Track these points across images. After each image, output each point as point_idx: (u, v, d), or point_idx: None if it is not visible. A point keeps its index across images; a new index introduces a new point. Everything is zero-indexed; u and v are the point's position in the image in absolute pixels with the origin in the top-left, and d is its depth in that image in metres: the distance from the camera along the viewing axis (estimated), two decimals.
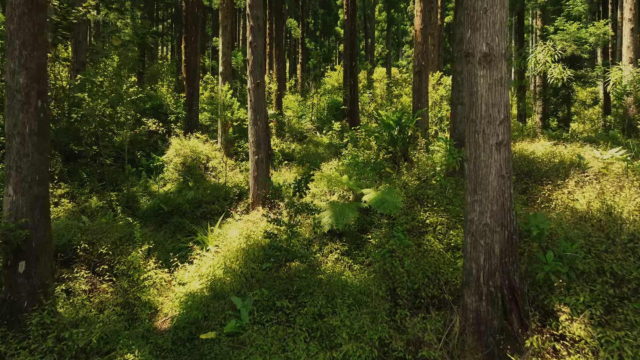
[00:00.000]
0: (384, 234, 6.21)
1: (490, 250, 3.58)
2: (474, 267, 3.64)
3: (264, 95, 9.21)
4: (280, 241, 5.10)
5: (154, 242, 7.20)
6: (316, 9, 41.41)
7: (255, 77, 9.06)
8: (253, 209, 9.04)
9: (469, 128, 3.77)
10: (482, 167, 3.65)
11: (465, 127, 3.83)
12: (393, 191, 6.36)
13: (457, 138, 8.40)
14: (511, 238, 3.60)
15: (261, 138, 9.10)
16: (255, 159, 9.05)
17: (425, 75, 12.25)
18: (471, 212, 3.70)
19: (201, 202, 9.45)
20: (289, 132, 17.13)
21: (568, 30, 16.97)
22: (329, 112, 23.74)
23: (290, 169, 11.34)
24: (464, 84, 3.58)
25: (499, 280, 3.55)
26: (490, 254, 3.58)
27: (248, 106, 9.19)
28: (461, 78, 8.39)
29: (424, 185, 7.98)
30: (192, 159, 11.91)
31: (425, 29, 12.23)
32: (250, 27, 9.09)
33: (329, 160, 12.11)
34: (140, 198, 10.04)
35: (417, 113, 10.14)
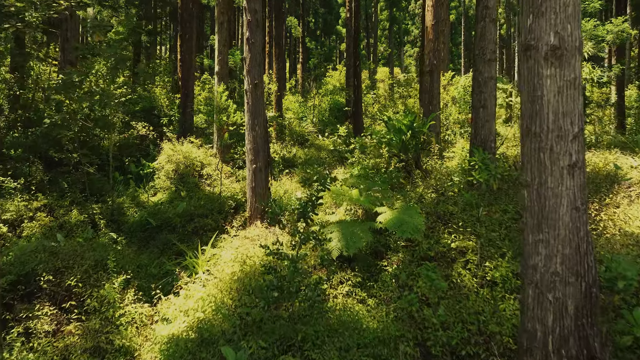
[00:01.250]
0: (402, 261, 5.31)
1: (561, 308, 2.71)
2: (539, 329, 2.76)
3: (262, 98, 8.31)
4: (281, 278, 4.21)
5: (137, 265, 6.29)
6: (317, 8, 40.53)
7: (252, 78, 8.16)
8: (250, 223, 8.14)
9: (529, 144, 2.88)
10: (550, 197, 2.76)
11: (524, 143, 2.93)
12: (412, 210, 5.46)
13: (478, 145, 7.50)
14: (589, 292, 2.72)
15: (259, 145, 8.20)
16: (253, 168, 8.14)
17: (437, 75, 11.36)
18: (534, 256, 2.82)
19: (193, 215, 8.55)
20: (290, 135, 16.24)
21: (584, 28, 16.09)
22: (330, 114, 22.84)
23: (292, 177, 10.44)
24: (525, 84, 2.66)
25: (575, 349, 2.67)
26: (562, 312, 2.71)
27: (245, 109, 8.29)
28: (483, 78, 7.50)
29: (443, 199, 7.08)
30: (185, 165, 11.00)
31: (437, 25, 11.34)
32: (247, 22, 8.19)
33: (334, 167, 11.20)
34: (127, 210, 9.14)
35: (431, 117, 9.24)
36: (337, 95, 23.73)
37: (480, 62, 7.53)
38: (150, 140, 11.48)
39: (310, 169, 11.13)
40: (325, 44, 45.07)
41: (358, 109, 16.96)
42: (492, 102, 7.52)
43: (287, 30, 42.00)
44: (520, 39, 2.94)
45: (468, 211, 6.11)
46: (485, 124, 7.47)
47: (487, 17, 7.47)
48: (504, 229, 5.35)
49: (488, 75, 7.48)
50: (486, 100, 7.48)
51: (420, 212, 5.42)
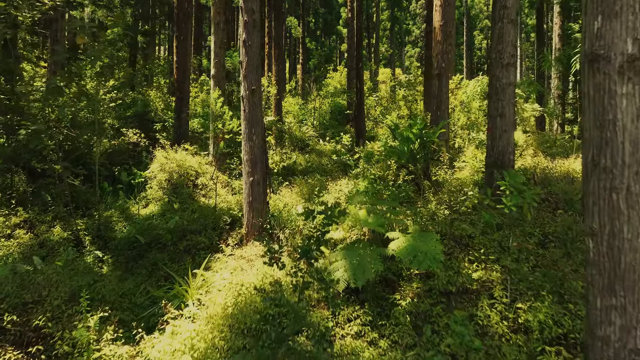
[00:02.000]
0: (416, 294, 4.69)
1: None
2: None
3: (260, 105, 7.68)
4: (280, 326, 3.58)
5: (120, 294, 5.66)
6: (317, 8, 39.90)
7: (249, 83, 7.53)
8: (247, 241, 7.52)
9: (597, 182, 2.26)
10: (627, 251, 2.14)
11: (589, 179, 2.31)
12: (428, 236, 4.84)
13: (496, 157, 6.87)
14: None
15: (257, 156, 7.58)
16: (250, 180, 7.52)
17: (446, 79, 10.73)
18: (604, 326, 2.21)
19: (185, 231, 7.92)
20: (290, 139, 15.62)
21: None
22: (332, 117, 22.23)
23: (292, 188, 9.81)
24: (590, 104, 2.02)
25: None
26: None
27: (241, 117, 7.66)
28: (500, 84, 6.87)
29: (457, 217, 6.46)
30: (179, 175, 10.38)
31: (445, 25, 10.72)
32: (243, 23, 7.57)
33: (336, 177, 10.57)
34: (115, 224, 8.51)
35: (441, 124, 8.62)
36: (338, 98, 23.12)
37: (497, 66, 6.90)
38: (143, 148, 10.84)
39: (311, 178, 10.50)
40: (325, 44, 44.47)
41: (360, 112, 16.34)
42: (510, 111, 6.89)
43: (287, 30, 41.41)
44: (584, 47, 2.30)
45: (489, 234, 5.48)
46: (503, 134, 6.84)
47: (505, 18, 6.85)
48: (534, 259, 4.73)
49: (506, 81, 6.85)
50: (504, 109, 6.86)
51: (437, 238, 4.79)
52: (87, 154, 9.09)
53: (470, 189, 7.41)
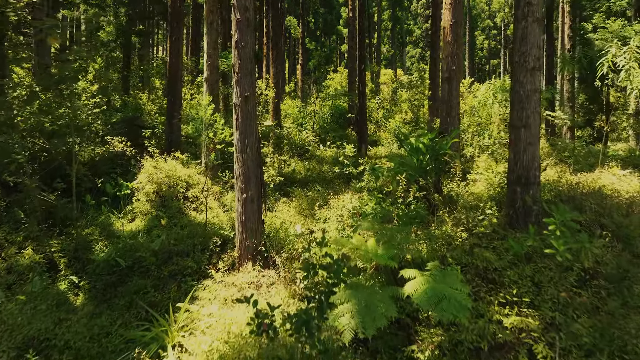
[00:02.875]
0: (437, 347, 3.92)
1: None
2: None
3: (254, 113, 6.91)
4: None
5: (89, 337, 4.88)
6: (317, 7, 39.09)
7: (242, 89, 6.76)
8: (240, 265, 6.75)
9: None
10: None
11: None
12: (449, 275, 4.07)
13: (519, 173, 6.10)
14: None
15: (251, 170, 6.81)
16: (243, 197, 6.75)
17: (457, 83, 9.96)
18: None
19: (172, 253, 7.15)
20: (288, 145, 14.83)
21: (610, 29, 14.68)
22: (332, 120, 21.45)
23: (291, 202, 9.02)
24: None
25: None
26: None
27: (234, 127, 6.89)
28: (525, 91, 6.10)
29: (478, 242, 5.69)
30: (168, 186, 9.60)
31: (456, 25, 9.95)
32: (236, 22, 6.80)
33: (338, 188, 9.78)
34: (95, 243, 7.73)
35: (454, 133, 7.85)
36: (339, 100, 22.35)
37: (521, 71, 6.13)
38: (130, 156, 10.06)
39: (311, 190, 9.73)
40: (325, 44, 43.66)
41: (362, 116, 15.56)
42: (536, 121, 6.12)
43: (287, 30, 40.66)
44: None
45: (518, 267, 4.71)
46: (527, 147, 6.07)
47: (530, 16, 6.08)
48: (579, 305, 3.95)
49: (531, 87, 6.08)
50: (529, 119, 6.08)
51: (462, 278, 4.01)
52: (66, 165, 8.31)
53: (488, 206, 6.64)
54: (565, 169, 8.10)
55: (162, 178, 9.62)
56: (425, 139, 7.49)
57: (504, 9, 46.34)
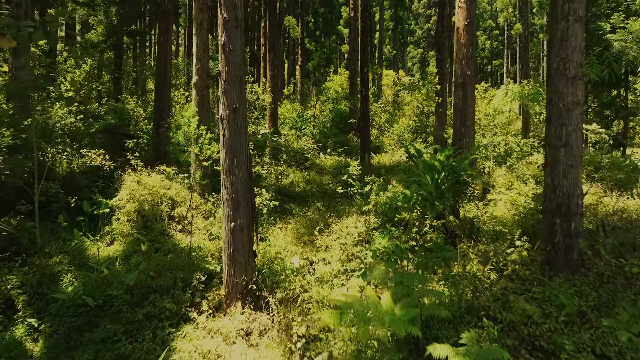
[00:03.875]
0: None
1: None
2: None
3: (244, 127, 5.94)
4: None
5: None
6: (317, 7, 38.11)
7: (230, 99, 5.79)
8: (227, 306, 5.78)
9: None
10: None
11: None
12: (493, 354, 3.09)
13: (559, 202, 5.13)
14: None
15: (240, 194, 5.84)
16: (232, 227, 5.78)
17: (472, 89, 9.00)
18: None
19: (149, 289, 6.17)
20: (287, 153, 13.86)
21: (630, 29, 13.72)
22: (333, 124, 20.48)
23: (288, 224, 8.02)
24: None
25: None
26: None
27: (220, 145, 5.92)
28: (565, 104, 5.14)
29: (512, 285, 4.73)
30: (151, 204, 8.62)
31: (470, 26, 8.99)
32: (222, 21, 5.83)
33: (341, 208, 8.77)
34: (64, 275, 6.74)
35: (475, 149, 6.88)
36: (341, 104, 21.39)
37: (560, 79, 5.16)
38: (112, 169, 9.09)
39: (311, 208, 8.76)
40: (325, 44, 42.67)
41: (365, 122, 14.58)
42: (578, 139, 5.16)
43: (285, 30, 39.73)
44: None
45: (572, 328, 3.74)
46: (568, 170, 5.10)
47: (572, 15, 5.11)
48: None
49: (573, 99, 5.11)
50: (569, 136, 5.12)
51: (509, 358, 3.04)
52: (32, 183, 7.33)
53: (517, 236, 5.68)
54: (598, 189, 7.13)
55: (144, 195, 8.65)
56: (442, 155, 6.53)
57: (508, 8, 45.36)
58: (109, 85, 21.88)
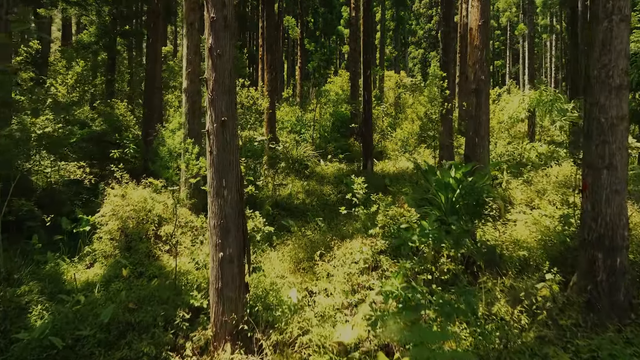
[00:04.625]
0: None
1: None
2: None
3: (234, 143, 5.20)
4: None
5: None
6: (316, 6, 37.30)
7: (218, 111, 5.05)
8: (215, 348, 5.03)
9: None
10: None
11: None
12: None
13: (601, 233, 4.38)
14: None
15: (230, 220, 5.09)
16: (220, 257, 5.03)
17: (486, 96, 8.25)
18: None
19: (127, 326, 5.42)
20: (285, 160, 13.12)
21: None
22: (333, 129, 19.74)
23: (285, 245, 7.27)
24: None
25: None
26: None
27: (207, 163, 5.19)
28: (607, 118, 4.40)
29: (548, 334, 3.99)
30: (136, 222, 7.88)
31: (485, 26, 8.25)
32: (209, 22, 5.09)
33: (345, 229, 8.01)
34: (33, 306, 6.00)
35: (495, 164, 6.14)
36: (341, 107, 20.64)
37: (602, 89, 4.42)
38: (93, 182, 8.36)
39: (311, 227, 8.01)
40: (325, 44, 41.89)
41: (368, 127, 13.84)
42: (623, 159, 4.41)
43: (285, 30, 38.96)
44: None
45: None
46: (612, 197, 4.36)
47: (616, 14, 4.37)
48: None
49: (617, 113, 4.37)
50: (613, 157, 4.37)
51: None
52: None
53: (546, 267, 4.95)
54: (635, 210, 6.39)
55: (128, 212, 7.91)
56: (459, 173, 5.79)
57: (511, 8, 44.61)
58: (102, 88, 21.14)
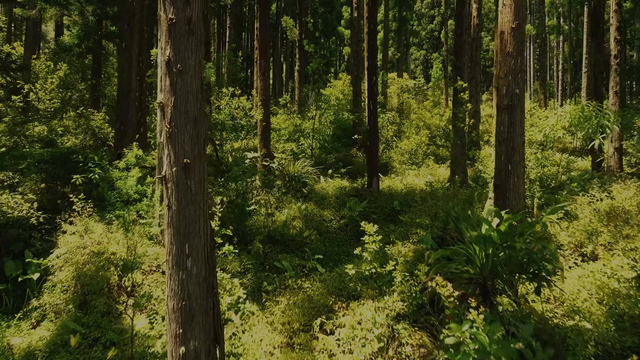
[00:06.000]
0: None
1: None
2: None
3: (202, 192, 3.77)
4: None
5: None
6: (316, 6, 35.85)
7: (179, 150, 3.63)
8: None
9: None
10: None
11: None
12: None
13: None
14: None
15: (195, 300, 3.67)
16: (181, 354, 3.61)
17: (521, 114, 6.83)
18: None
19: None
20: (281, 178, 11.70)
21: None
22: (334, 138, 18.32)
23: (274, 303, 5.83)
24: None
25: None
26: None
27: (165, 222, 3.77)
28: None
29: None
30: (95, 267, 6.44)
31: (519, 30, 6.83)
32: (167, 25, 3.67)
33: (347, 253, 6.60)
34: None
35: (553, 208, 4.72)
36: (342, 113, 19.23)
37: None
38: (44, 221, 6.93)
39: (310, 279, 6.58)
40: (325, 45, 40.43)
41: (374, 141, 12.38)
42: None
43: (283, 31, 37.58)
44: None
45: None
46: None
47: None
48: None
49: None
50: None
51: None
52: None
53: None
54: None
55: (86, 255, 6.47)
56: (504, 225, 4.37)
57: None
58: (85, 93, 19.69)
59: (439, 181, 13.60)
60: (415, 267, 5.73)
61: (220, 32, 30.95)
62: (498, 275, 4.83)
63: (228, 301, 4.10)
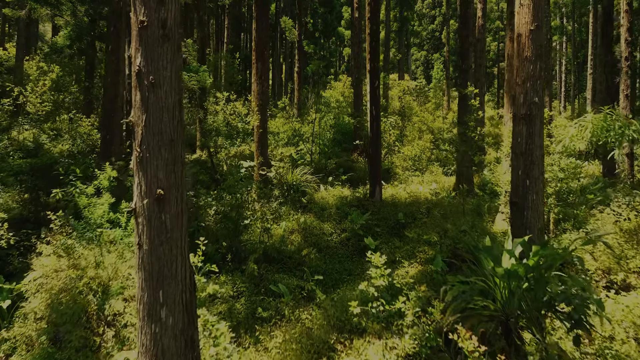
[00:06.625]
0: None
1: None
2: None
3: (181, 229, 3.16)
4: None
5: None
6: (315, 7, 35.24)
7: (151, 179, 3.02)
8: None
9: None
10: None
11: None
12: None
13: None
14: None
15: (170, 356, 3.07)
16: None
17: (540, 124, 6.23)
18: None
19: None
20: (279, 187, 11.10)
21: None
22: (334, 143, 17.72)
23: (269, 337, 5.22)
24: None
25: None
26: None
27: (135, 263, 3.18)
28: None
29: None
30: (71, 295, 5.84)
31: (538, 32, 6.23)
32: (137, 30, 3.06)
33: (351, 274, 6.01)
34: None
35: (591, 239, 4.12)
36: (342, 117, 18.63)
37: None
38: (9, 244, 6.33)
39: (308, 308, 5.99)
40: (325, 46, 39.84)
41: (376, 148, 11.80)
42: None
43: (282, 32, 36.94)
44: None
45: None
46: None
47: None
48: None
49: None
50: None
51: None
52: None
53: None
54: None
55: (61, 282, 5.87)
56: (532, 260, 3.78)
57: None
58: (79, 96, 19.09)
59: (444, 189, 13.02)
60: (428, 300, 5.14)
61: (218, 33, 30.36)
62: (522, 312, 4.25)
63: (212, 353, 3.51)
